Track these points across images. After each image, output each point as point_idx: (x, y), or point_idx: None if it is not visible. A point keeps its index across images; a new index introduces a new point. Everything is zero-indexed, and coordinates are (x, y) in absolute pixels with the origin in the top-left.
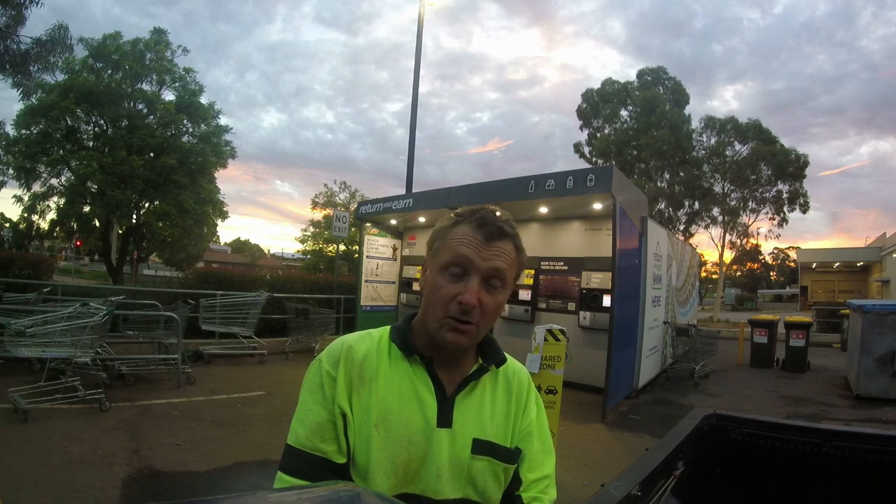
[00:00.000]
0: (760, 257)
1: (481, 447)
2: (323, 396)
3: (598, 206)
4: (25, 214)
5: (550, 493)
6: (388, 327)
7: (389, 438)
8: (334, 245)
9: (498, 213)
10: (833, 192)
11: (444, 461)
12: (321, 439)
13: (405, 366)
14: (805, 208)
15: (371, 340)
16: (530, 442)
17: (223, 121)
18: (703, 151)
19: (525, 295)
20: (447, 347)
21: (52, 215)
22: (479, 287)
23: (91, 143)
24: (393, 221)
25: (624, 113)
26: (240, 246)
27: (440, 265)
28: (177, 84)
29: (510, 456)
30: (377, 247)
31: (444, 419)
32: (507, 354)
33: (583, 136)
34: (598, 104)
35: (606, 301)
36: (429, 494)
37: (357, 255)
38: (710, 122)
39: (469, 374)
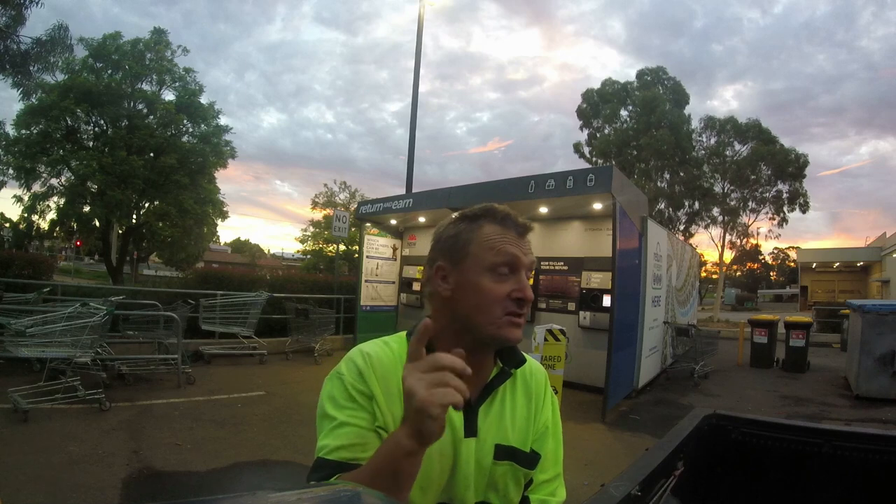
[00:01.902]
0: (760, 257)
1: (503, 452)
2: (358, 406)
3: (598, 206)
4: (25, 214)
5: (560, 494)
6: (402, 335)
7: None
8: (334, 245)
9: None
10: (833, 192)
11: (471, 470)
12: (362, 449)
13: None
14: (805, 208)
15: (391, 351)
16: (545, 441)
17: (223, 121)
18: (703, 151)
19: None
20: (505, 344)
21: (52, 215)
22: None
23: (91, 143)
24: (393, 221)
25: (624, 113)
26: (240, 246)
27: (485, 267)
28: (177, 84)
29: (531, 461)
30: (377, 247)
31: (470, 428)
32: (525, 354)
33: (583, 136)
34: (598, 104)
35: (606, 301)
36: (455, 503)
37: (357, 255)
38: (710, 122)
39: (490, 379)
